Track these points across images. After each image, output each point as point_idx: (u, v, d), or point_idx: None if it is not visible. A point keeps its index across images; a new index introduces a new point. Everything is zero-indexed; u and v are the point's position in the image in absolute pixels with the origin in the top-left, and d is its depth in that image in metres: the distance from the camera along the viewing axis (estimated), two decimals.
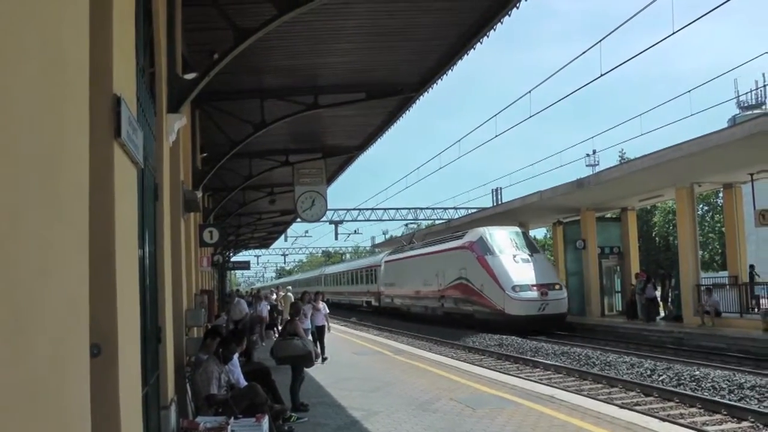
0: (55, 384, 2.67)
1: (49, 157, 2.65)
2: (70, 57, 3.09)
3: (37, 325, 2.43)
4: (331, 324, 21.73)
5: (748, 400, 14.45)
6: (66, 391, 2.88)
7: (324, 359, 18.83)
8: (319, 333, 19.97)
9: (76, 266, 3.16)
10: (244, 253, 73.25)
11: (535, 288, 31.87)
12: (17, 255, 2.19)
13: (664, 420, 12.23)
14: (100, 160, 4.16)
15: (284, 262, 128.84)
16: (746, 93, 63.78)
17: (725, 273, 32.53)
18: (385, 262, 54.11)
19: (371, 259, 63.85)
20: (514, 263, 33.05)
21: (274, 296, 36.85)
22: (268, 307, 30.32)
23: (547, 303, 31.57)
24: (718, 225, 55.61)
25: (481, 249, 34.43)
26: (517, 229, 36.22)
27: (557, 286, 32.78)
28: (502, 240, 34.67)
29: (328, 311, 21.09)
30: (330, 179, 25.84)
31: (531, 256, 33.80)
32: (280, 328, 22.89)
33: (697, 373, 17.26)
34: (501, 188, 58.18)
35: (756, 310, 26.75)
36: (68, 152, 3.03)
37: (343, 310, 63.94)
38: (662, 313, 32.38)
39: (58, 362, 2.72)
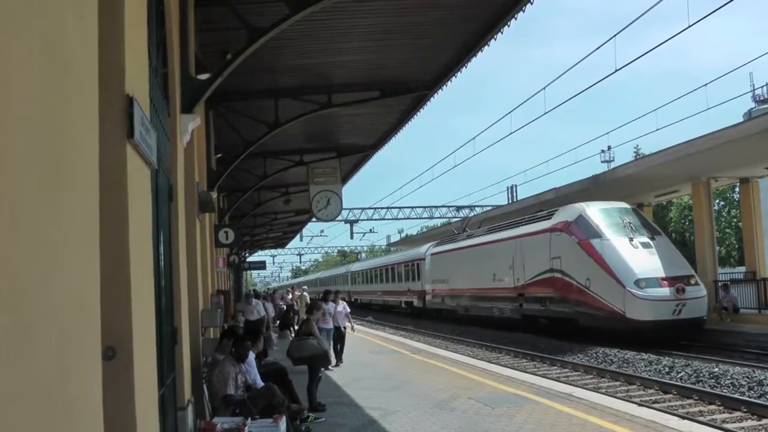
0: (62, 386, 2.65)
1: (53, 157, 2.63)
2: (78, 57, 3.06)
3: (41, 326, 2.40)
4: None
5: None
6: (74, 393, 2.86)
7: (338, 363, 18.57)
8: (338, 334, 19.44)
9: (85, 267, 3.14)
10: (260, 253, 73.35)
11: (665, 283, 23.53)
12: (18, 256, 2.16)
13: (683, 418, 12.12)
14: (113, 161, 4.15)
15: (300, 262, 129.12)
16: (762, 86, 63.38)
17: (743, 268, 32.30)
18: (432, 254, 45.19)
19: (413, 251, 53.52)
20: (633, 249, 24.68)
21: (290, 296, 36.87)
22: (283, 306, 30.46)
23: (684, 303, 23.14)
24: (735, 220, 55.27)
25: (584, 231, 25.93)
26: (625, 204, 27.80)
27: (693, 280, 24.34)
28: (611, 218, 26.24)
29: (349, 311, 20.71)
30: (345, 178, 25.80)
31: (652, 239, 25.40)
32: (296, 328, 22.84)
33: (716, 370, 17.13)
34: (516, 186, 58.11)
35: None
36: (76, 153, 3.01)
37: (374, 312, 58.68)
38: None
39: (64, 364, 2.69)
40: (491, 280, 33.51)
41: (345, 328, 19.84)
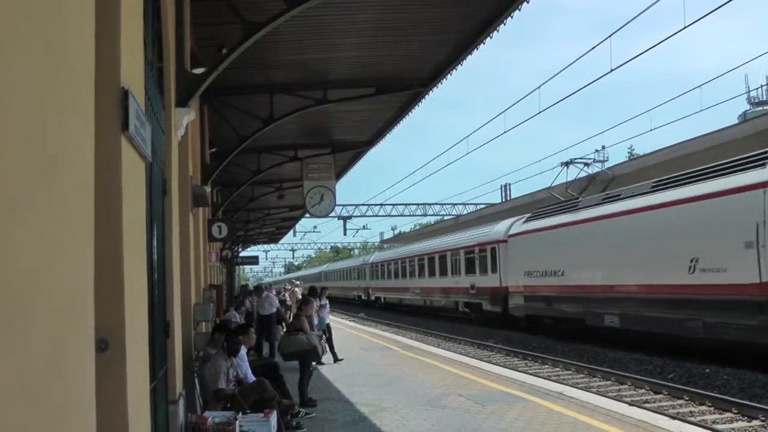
0: (54, 378, 2.64)
1: (48, 149, 2.62)
2: (74, 49, 3.06)
3: (35, 320, 2.40)
4: (338, 319, 21.30)
5: (758, 398, 14.37)
6: (67, 385, 2.86)
7: (337, 359, 18.59)
8: (329, 331, 19.59)
9: (80, 261, 3.14)
10: (253, 248, 73.26)
11: None
12: (13, 249, 2.16)
13: (674, 418, 12.17)
14: (107, 154, 4.13)
15: (293, 258, 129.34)
16: (756, 89, 63.66)
17: None
18: (522, 234, 30.37)
19: (477, 232, 37.45)
20: None
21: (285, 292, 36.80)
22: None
23: None
24: None
25: None
26: None
27: None
28: None
29: (328, 308, 20.80)
30: (339, 175, 25.79)
31: None
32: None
33: (708, 370, 17.19)
34: (510, 184, 58.12)
35: None
36: (71, 145, 3.00)
37: (408, 317, 46.10)
38: None
39: (58, 357, 2.69)
40: (686, 269, 19.36)
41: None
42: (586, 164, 30.04)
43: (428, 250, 44.65)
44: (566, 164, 30.75)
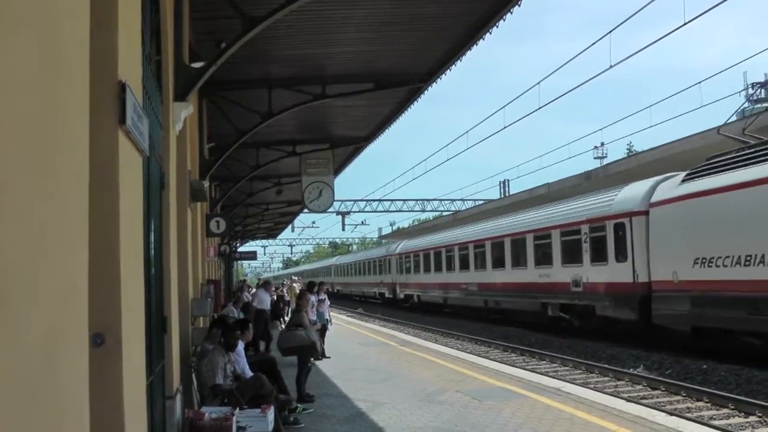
0: (47, 371, 2.62)
1: (42, 141, 2.59)
2: (69, 40, 3.03)
3: (29, 314, 2.37)
4: (337, 314, 21.33)
5: (755, 394, 14.38)
6: (60, 379, 2.83)
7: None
8: (323, 327, 19.60)
9: (74, 254, 3.11)
10: (251, 243, 73.17)
11: None
12: (5, 240, 2.13)
13: (671, 414, 12.16)
14: (104, 147, 4.12)
15: (291, 253, 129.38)
16: (757, 86, 63.62)
17: None
18: (672, 200, 20.03)
19: (583, 203, 25.89)
20: None
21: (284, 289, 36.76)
22: (273, 297, 30.39)
23: None
24: None
25: None
26: None
27: None
28: None
29: (329, 303, 20.78)
30: (337, 170, 25.76)
31: None
32: (286, 319, 22.80)
33: (705, 366, 17.19)
34: (508, 180, 58.07)
35: None
36: (66, 137, 2.97)
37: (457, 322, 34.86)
38: None
39: (51, 351, 2.67)
40: None
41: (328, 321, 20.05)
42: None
43: (491, 234, 32.74)
44: (762, 85, 16.97)
